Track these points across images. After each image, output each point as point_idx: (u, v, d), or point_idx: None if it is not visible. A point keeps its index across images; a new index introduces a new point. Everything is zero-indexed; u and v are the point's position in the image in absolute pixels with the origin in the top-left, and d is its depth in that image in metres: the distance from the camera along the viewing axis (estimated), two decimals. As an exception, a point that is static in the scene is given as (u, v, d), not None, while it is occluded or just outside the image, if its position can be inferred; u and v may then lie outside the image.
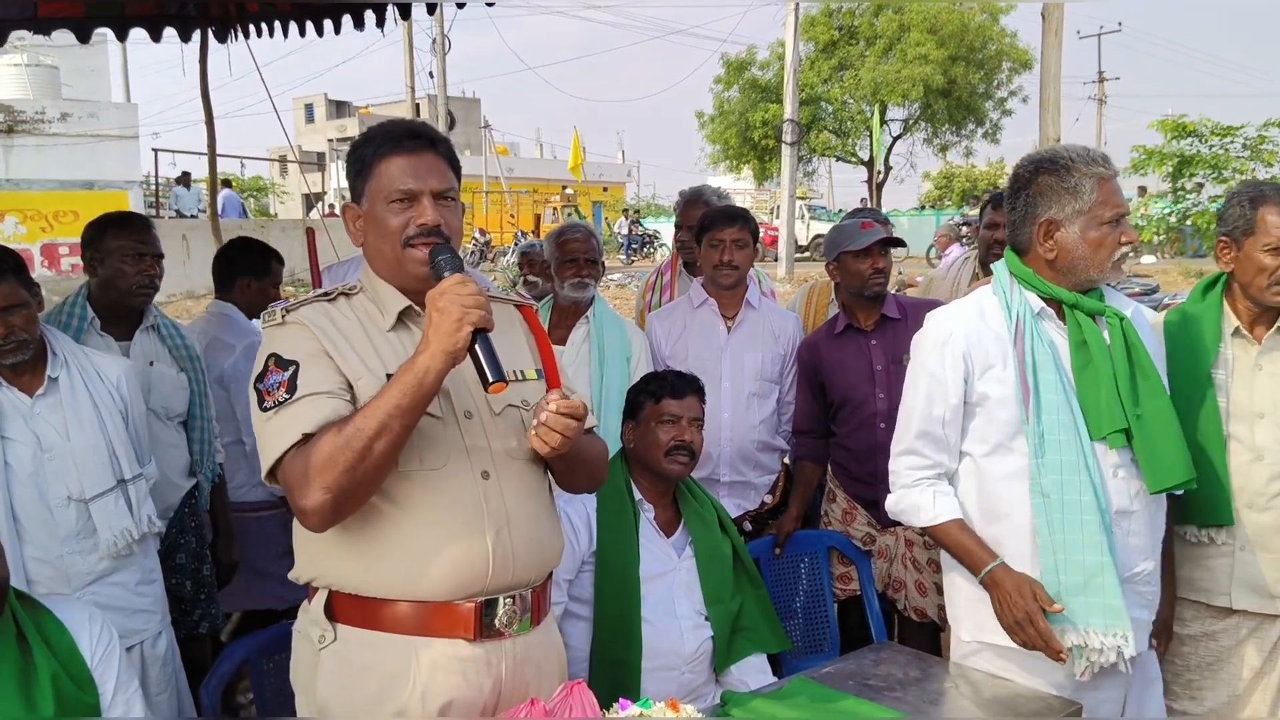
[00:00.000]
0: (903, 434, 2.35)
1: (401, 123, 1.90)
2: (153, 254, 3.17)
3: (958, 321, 2.29)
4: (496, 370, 1.67)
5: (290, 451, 1.67)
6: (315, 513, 1.66)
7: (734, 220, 3.46)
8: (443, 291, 1.67)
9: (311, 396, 1.70)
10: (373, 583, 1.75)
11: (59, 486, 2.59)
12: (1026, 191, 2.25)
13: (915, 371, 2.35)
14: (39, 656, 1.91)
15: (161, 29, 5.06)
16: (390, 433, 1.63)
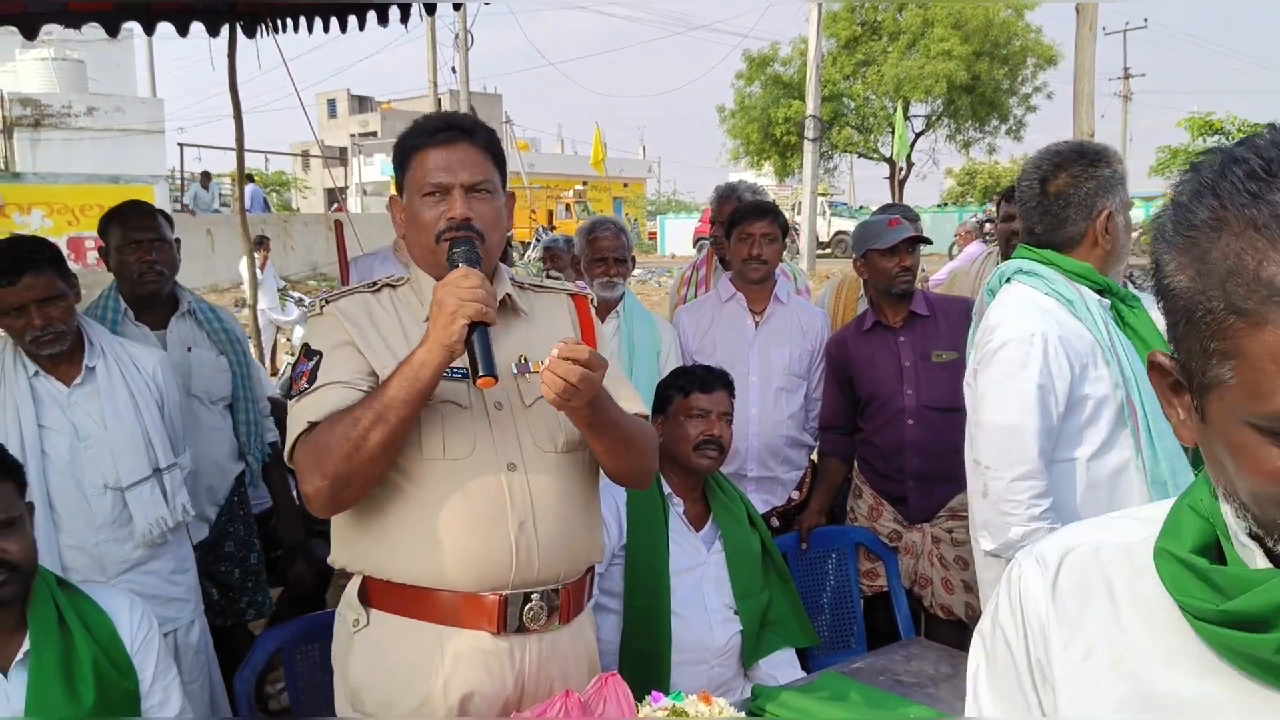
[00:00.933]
0: (1018, 455, 2.13)
1: (439, 115, 1.91)
2: (151, 240, 3.11)
3: (1040, 325, 2.15)
4: (488, 365, 1.65)
5: (300, 438, 1.72)
6: (315, 499, 1.71)
7: (763, 214, 3.46)
8: (444, 284, 1.69)
9: (327, 386, 1.74)
10: (398, 570, 1.77)
11: (95, 475, 2.63)
12: (1079, 186, 2.20)
13: (1016, 386, 2.14)
14: (80, 642, 1.94)
15: (189, 24, 5.09)
16: (385, 424, 1.64)
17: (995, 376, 2.17)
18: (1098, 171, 2.20)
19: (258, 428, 3.41)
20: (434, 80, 24.42)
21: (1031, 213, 2.26)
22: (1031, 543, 2.08)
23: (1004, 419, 2.14)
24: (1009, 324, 2.18)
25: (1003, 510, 2.12)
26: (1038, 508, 2.11)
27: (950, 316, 3.31)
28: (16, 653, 1.91)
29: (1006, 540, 2.12)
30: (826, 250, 26.15)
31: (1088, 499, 2.18)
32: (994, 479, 2.14)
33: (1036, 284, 2.22)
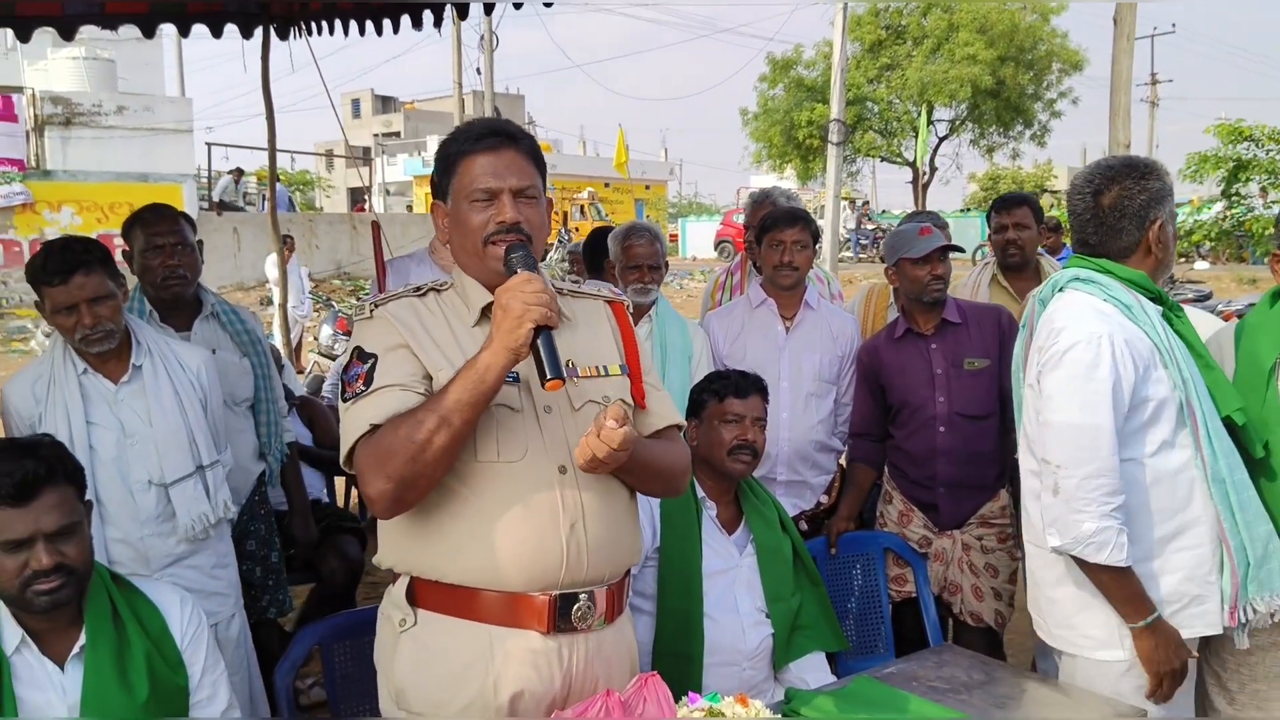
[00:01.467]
0: (1089, 455, 2.16)
1: (484, 121, 1.94)
2: (173, 244, 3.14)
3: (1105, 327, 2.20)
4: (555, 368, 1.68)
5: (360, 440, 1.74)
6: (379, 500, 1.72)
7: (795, 221, 3.48)
8: (508, 289, 1.71)
9: (385, 389, 1.75)
10: (450, 570, 1.80)
11: (141, 471, 2.68)
12: (1133, 198, 2.27)
13: (1088, 386, 2.17)
14: (134, 636, 1.99)
15: (223, 25, 5.17)
16: (450, 426, 1.67)
17: (1065, 376, 2.20)
18: (1149, 184, 2.28)
19: (277, 428, 3.47)
20: (459, 81, 24.52)
21: (1086, 224, 2.33)
22: (1102, 539, 2.07)
23: (1076, 418, 2.18)
24: (1075, 326, 2.22)
25: (1075, 507, 2.16)
26: (1109, 505, 2.15)
27: (982, 324, 3.32)
28: (73, 647, 1.96)
29: (1078, 534, 2.15)
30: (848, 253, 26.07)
31: (1151, 497, 2.22)
32: (1066, 477, 2.17)
33: (1094, 290, 2.27)
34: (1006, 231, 4.03)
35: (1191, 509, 2.23)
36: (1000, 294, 4.02)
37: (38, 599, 1.88)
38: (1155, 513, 2.23)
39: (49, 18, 4.77)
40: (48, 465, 1.91)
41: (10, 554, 1.86)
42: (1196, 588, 2.24)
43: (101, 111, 17.27)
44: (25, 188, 15.11)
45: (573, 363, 1.84)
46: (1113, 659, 2.24)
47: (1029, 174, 39.18)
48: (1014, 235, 4.02)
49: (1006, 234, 4.03)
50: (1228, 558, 2.21)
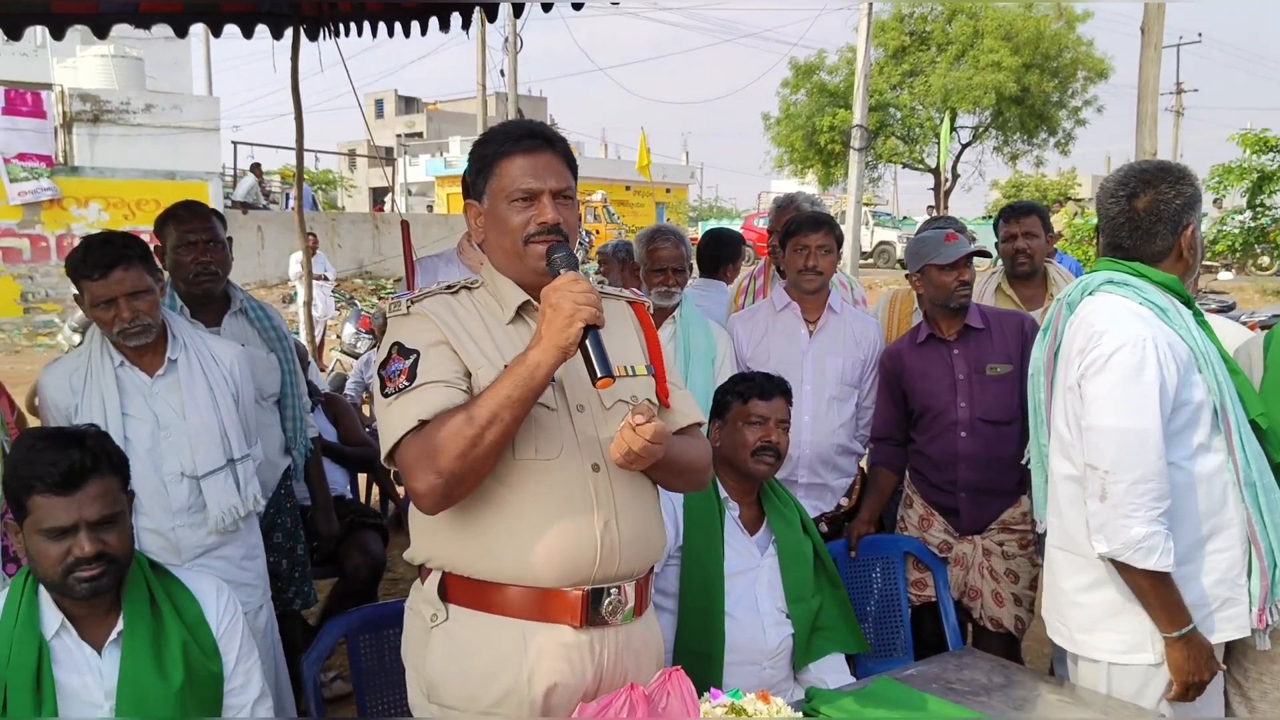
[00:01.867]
0: (1137, 460, 2.15)
1: (520, 123, 1.97)
2: (205, 240, 3.20)
3: (1147, 331, 2.20)
4: (605, 366, 1.72)
5: (407, 436, 1.75)
6: (427, 495, 1.73)
7: (819, 226, 3.50)
8: (556, 288, 1.73)
9: (429, 384, 1.77)
10: (485, 566, 1.82)
11: (173, 462, 2.73)
12: (1169, 202, 2.28)
13: (1134, 390, 2.17)
14: (170, 624, 2.03)
15: (254, 26, 5.23)
16: (501, 422, 1.70)
17: (1112, 380, 2.18)
18: (1184, 189, 2.29)
19: (302, 424, 3.52)
20: (482, 83, 24.64)
21: (1120, 228, 2.33)
22: (1150, 544, 2.08)
23: (1124, 422, 2.16)
24: (1118, 329, 2.20)
25: (1124, 513, 2.14)
26: (1157, 509, 2.14)
27: (1005, 330, 3.33)
28: (110, 632, 2.00)
29: (1128, 539, 2.14)
30: (869, 260, 26.02)
31: (1189, 500, 2.22)
32: (1114, 482, 2.16)
33: (1129, 294, 2.27)
34: (1015, 240, 4.04)
35: (1225, 512, 2.24)
36: (1005, 302, 4.03)
37: (78, 585, 1.92)
38: (1192, 516, 2.23)
39: (84, 16, 4.85)
40: (94, 456, 1.95)
41: (54, 541, 1.91)
42: (1228, 590, 2.25)
43: (129, 109, 17.47)
44: (53, 184, 15.28)
45: None
46: (1141, 662, 2.24)
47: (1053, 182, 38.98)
48: (1023, 244, 4.03)
49: (1015, 243, 4.04)
50: (1257, 560, 2.23)
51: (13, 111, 15.45)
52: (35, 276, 15.14)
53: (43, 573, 1.94)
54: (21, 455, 1.98)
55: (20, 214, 15.00)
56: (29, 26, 4.86)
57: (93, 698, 1.98)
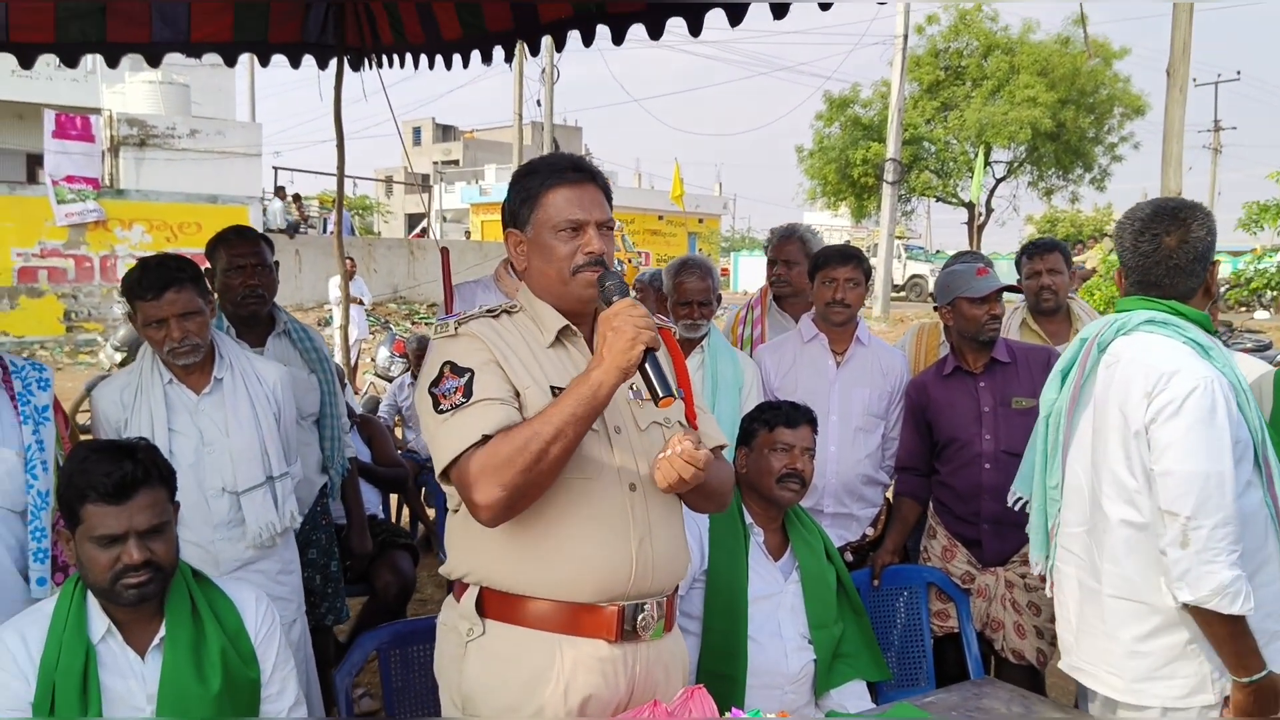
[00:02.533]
0: (1217, 502, 2.11)
1: (564, 156, 2.05)
2: (254, 265, 3.33)
3: (1209, 370, 2.18)
4: (665, 386, 1.80)
5: (468, 452, 1.81)
6: (489, 508, 1.79)
7: (848, 260, 3.56)
8: (617, 313, 1.81)
9: (487, 402, 1.84)
10: (525, 581, 1.89)
11: (215, 478, 2.83)
12: (1201, 239, 2.29)
13: (1209, 434, 2.14)
14: (210, 631, 2.11)
15: (301, 56, 5.41)
16: (564, 439, 1.77)
17: (1187, 424, 2.15)
18: (1210, 224, 2.32)
19: (339, 444, 3.61)
20: (519, 113, 24.98)
21: (1154, 266, 2.31)
22: (1235, 589, 2.07)
23: (1203, 466, 2.12)
24: (1188, 371, 2.17)
25: (1207, 559, 2.10)
26: (1235, 552, 2.11)
27: (1032, 364, 3.37)
28: (153, 638, 2.08)
29: (1216, 585, 2.09)
30: (901, 294, 25.98)
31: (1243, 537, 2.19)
32: (1196, 528, 2.11)
33: (1171, 333, 2.25)
34: (1040, 277, 4.09)
35: (1268, 546, 2.22)
36: (1030, 337, 4.06)
37: (126, 592, 2.00)
38: (1244, 553, 2.19)
39: (138, 45, 5.03)
40: (144, 468, 2.04)
41: (105, 548, 2.00)
42: (1275, 623, 2.22)
43: (175, 134, 17.87)
44: (99, 206, 15.66)
45: (636, 387, 1.94)
46: (1199, 704, 2.21)
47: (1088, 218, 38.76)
48: (1047, 280, 4.08)
49: (1040, 279, 4.09)
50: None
51: (62, 135, 15.86)
52: (79, 296, 15.49)
53: (93, 579, 2.02)
54: (76, 466, 2.07)
55: (66, 235, 15.37)
56: (85, 54, 5.06)
57: (135, 701, 2.05)
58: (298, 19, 5.21)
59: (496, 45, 4.81)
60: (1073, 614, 2.44)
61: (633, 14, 3.93)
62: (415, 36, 5.07)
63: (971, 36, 27.52)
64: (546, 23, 4.44)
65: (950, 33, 27.75)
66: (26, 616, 2.09)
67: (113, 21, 4.76)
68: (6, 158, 20.48)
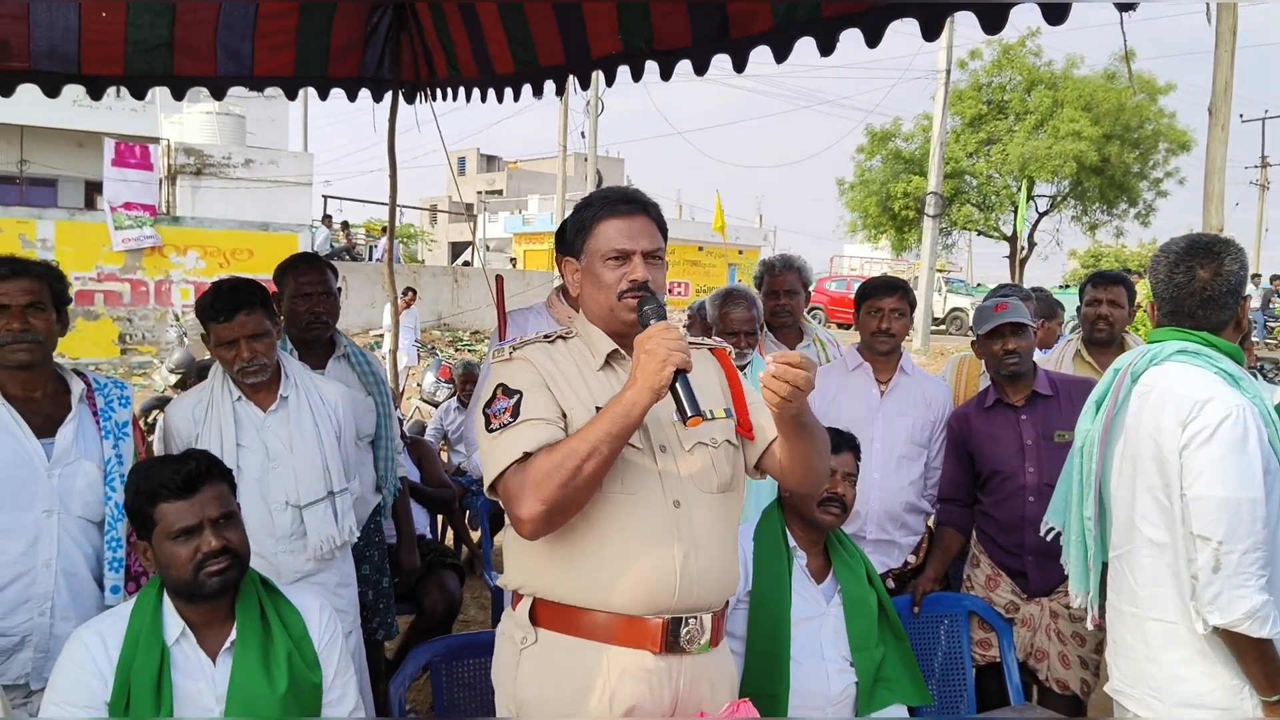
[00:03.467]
0: (1248, 528, 2.17)
1: (619, 190, 2.16)
2: (319, 293, 3.50)
3: (1240, 399, 2.24)
4: (694, 406, 1.87)
5: (511, 468, 1.92)
6: (530, 521, 1.89)
7: (893, 290, 3.63)
8: (650, 335, 1.90)
9: (532, 421, 1.94)
10: (573, 592, 1.97)
11: (279, 492, 2.95)
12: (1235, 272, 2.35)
13: (1242, 461, 2.19)
14: (278, 636, 2.21)
15: (358, 90, 5.60)
16: (599, 456, 1.86)
17: (1220, 451, 2.20)
18: (1242, 259, 2.38)
19: (392, 464, 3.72)
20: (563, 144, 25.30)
21: (1187, 299, 2.37)
22: (1265, 613, 2.14)
23: (1235, 493, 2.18)
24: (1220, 399, 2.23)
25: (1238, 583, 2.16)
26: (1264, 577, 2.17)
27: (1074, 397, 3.38)
28: (224, 642, 2.19)
29: (1248, 609, 2.15)
30: (941, 327, 25.84)
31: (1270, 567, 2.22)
32: (1227, 553, 2.17)
33: (1202, 363, 2.32)
34: (1100, 306, 4.13)
35: None
36: (1084, 369, 4.08)
37: (209, 581, 2.12)
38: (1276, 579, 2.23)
39: (204, 78, 5.24)
40: (205, 464, 2.20)
41: (183, 542, 2.12)
42: None
43: (230, 163, 18.35)
44: (155, 232, 16.09)
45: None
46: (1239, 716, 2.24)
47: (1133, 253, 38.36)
48: (1106, 311, 4.11)
49: (1100, 309, 4.13)
50: None
51: (121, 163, 16.34)
52: (134, 319, 15.88)
53: (175, 576, 2.14)
54: (143, 474, 2.22)
55: (123, 260, 15.79)
56: (152, 87, 5.27)
57: (205, 702, 2.16)
58: (356, 55, 5.40)
59: (548, 80, 4.95)
60: (1115, 638, 2.49)
61: (680, 50, 4.04)
62: (469, 70, 5.23)
63: (1015, 71, 27.49)
64: (597, 58, 4.56)
65: (993, 67, 27.73)
66: (106, 618, 2.21)
67: (180, 56, 4.97)
68: (67, 185, 21.11)
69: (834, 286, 25.50)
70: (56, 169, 21.08)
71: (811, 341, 4.28)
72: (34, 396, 2.61)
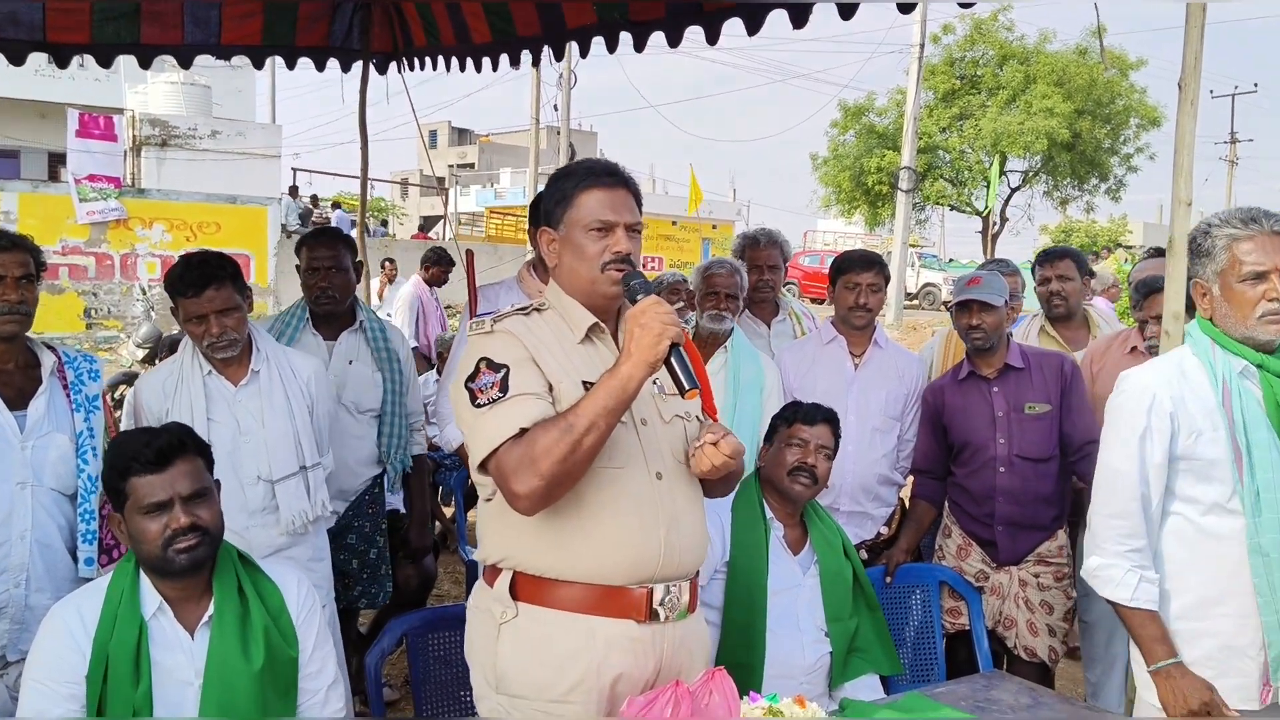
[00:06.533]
0: (1111, 497, 2.31)
1: (599, 162, 2.14)
2: (328, 268, 3.51)
3: (1160, 382, 2.28)
4: (691, 379, 1.89)
5: (505, 444, 1.90)
6: (528, 497, 1.87)
7: (870, 265, 3.63)
8: (644, 310, 1.90)
9: (523, 396, 1.92)
10: (558, 566, 1.98)
11: (251, 467, 2.93)
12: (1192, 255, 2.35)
13: (1121, 434, 2.30)
14: (255, 610, 2.20)
15: (327, 60, 5.52)
16: (597, 430, 1.85)
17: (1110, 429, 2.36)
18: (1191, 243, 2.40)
19: (402, 440, 3.70)
20: (536, 118, 25.14)
21: None
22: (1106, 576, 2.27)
23: (1108, 464, 2.33)
24: (1135, 378, 2.34)
25: (1095, 543, 2.34)
26: (1123, 545, 2.28)
27: (1045, 370, 3.44)
28: (202, 616, 2.17)
29: (1087, 567, 2.36)
30: (914, 302, 25.99)
31: (1197, 556, 2.26)
32: (1093, 513, 2.36)
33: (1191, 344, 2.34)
34: (1050, 283, 4.18)
35: (1241, 577, 2.20)
36: (1049, 343, 4.11)
37: (178, 558, 2.10)
38: (1199, 573, 2.26)
39: (171, 47, 5.15)
40: (180, 438, 2.17)
41: (153, 517, 2.10)
42: (1234, 658, 2.23)
43: (196, 135, 18.04)
44: (120, 204, 15.79)
45: (660, 382, 2.04)
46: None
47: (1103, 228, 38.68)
48: (1057, 286, 4.16)
49: (1050, 285, 4.17)
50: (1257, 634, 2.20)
51: (85, 134, 15.99)
52: (99, 294, 15.61)
53: (145, 551, 2.12)
54: (117, 447, 2.20)
55: (88, 233, 15.48)
56: (119, 55, 5.18)
57: (184, 675, 2.15)
58: (324, 23, 5.32)
59: (524, 50, 4.91)
60: None
61: (654, 21, 4.03)
62: (448, 39, 5.18)
63: (987, 46, 27.55)
64: (573, 29, 4.53)
65: (966, 42, 27.77)
66: (83, 593, 2.19)
67: (147, 23, 4.88)
68: (29, 156, 20.72)
69: (808, 261, 25.53)
70: (19, 140, 20.66)
71: (787, 315, 4.29)
72: (7, 369, 2.60)
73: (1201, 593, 2.26)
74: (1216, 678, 2.22)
